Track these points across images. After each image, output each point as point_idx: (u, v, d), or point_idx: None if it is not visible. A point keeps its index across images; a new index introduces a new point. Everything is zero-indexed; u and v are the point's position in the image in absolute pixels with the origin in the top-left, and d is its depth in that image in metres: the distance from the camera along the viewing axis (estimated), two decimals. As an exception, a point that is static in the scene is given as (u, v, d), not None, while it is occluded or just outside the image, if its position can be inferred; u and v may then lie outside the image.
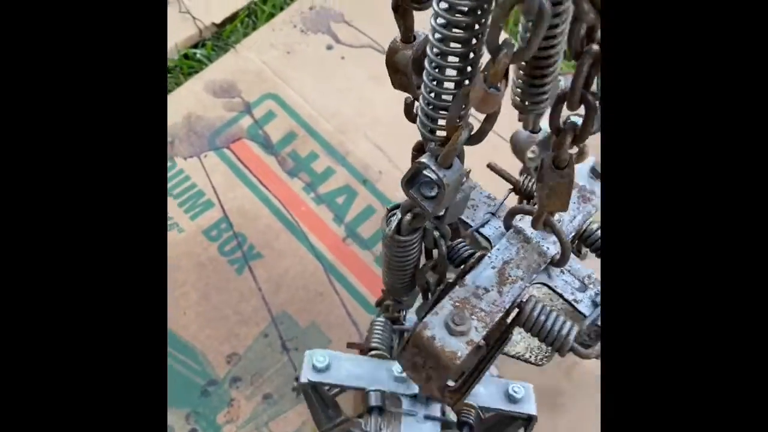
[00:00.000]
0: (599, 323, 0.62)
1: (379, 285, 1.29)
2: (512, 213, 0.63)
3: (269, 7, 1.63)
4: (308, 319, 1.24)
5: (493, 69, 0.44)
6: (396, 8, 0.52)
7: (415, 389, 0.79)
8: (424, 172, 0.54)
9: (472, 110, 0.50)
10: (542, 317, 0.58)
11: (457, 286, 0.59)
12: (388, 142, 1.44)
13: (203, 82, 1.51)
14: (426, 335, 0.55)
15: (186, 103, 1.48)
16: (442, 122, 0.53)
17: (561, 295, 0.63)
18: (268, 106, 1.49)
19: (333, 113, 1.47)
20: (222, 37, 1.62)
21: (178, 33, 1.62)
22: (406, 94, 0.59)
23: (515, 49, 0.44)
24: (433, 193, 0.55)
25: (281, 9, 1.62)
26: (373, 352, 0.86)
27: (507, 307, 0.58)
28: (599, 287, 0.63)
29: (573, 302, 0.63)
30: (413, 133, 0.57)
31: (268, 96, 1.50)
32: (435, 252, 0.67)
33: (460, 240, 0.68)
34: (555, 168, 0.50)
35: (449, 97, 0.51)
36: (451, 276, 0.64)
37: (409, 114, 0.59)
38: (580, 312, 0.62)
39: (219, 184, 1.39)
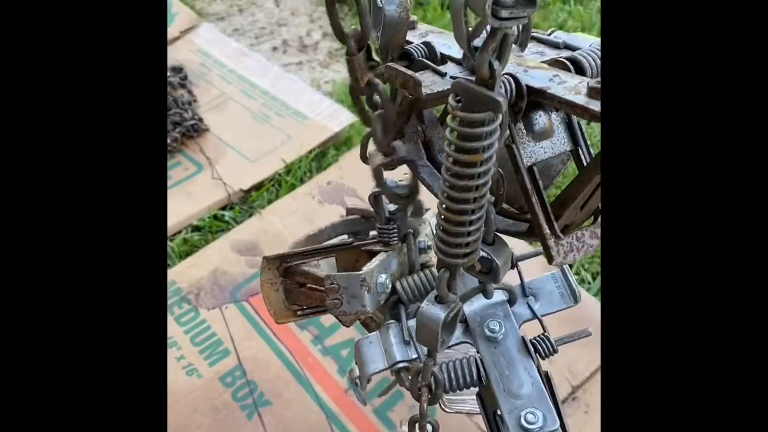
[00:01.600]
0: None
1: (377, 436, 1.40)
2: None
3: (292, 179, 1.88)
4: (310, 466, 1.33)
5: None
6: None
7: None
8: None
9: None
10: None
11: None
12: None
13: (229, 241, 1.72)
14: None
15: (213, 259, 1.68)
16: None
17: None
18: (285, 265, 1.68)
19: (342, 274, 1.66)
20: (248, 201, 1.85)
21: (210, 196, 1.85)
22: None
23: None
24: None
25: (302, 181, 1.87)
26: None
27: None
28: None
29: None
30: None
31: (286, 256, 1.69)
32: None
33: None
34: None
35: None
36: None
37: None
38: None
39: (236, 333, 1.54)
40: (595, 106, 0.54)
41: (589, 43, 0.69)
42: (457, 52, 0.68)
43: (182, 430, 1.33)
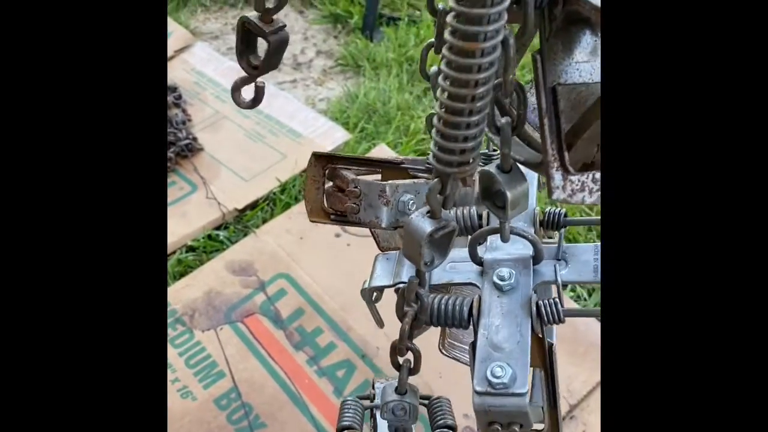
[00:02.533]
0: None
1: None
2: None
3: (286, 198, 1.87)
4: (306, 490, 1.31)
5: None
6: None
7: None
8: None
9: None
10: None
11: None
12: (386, 321, 1.59)
13: (224, 261, 1.70)
14: None
15: (207, 279, 1.66)
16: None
17: None
18: (280, 285, 1.66)
19: (338, 293, 1.64)
20: (243, 221, 1.84)
21: (204, 216, 1.84)
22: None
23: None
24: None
25: (296, 200, 1.86)
26: None
27: None
28: None
29: None
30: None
31: (281, 275, 1.68)
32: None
33: None
34: None
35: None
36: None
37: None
38: None
39: (231, 355, 1.52)
40: None
41: None
42: None
43: (176, 455, 1.31)
